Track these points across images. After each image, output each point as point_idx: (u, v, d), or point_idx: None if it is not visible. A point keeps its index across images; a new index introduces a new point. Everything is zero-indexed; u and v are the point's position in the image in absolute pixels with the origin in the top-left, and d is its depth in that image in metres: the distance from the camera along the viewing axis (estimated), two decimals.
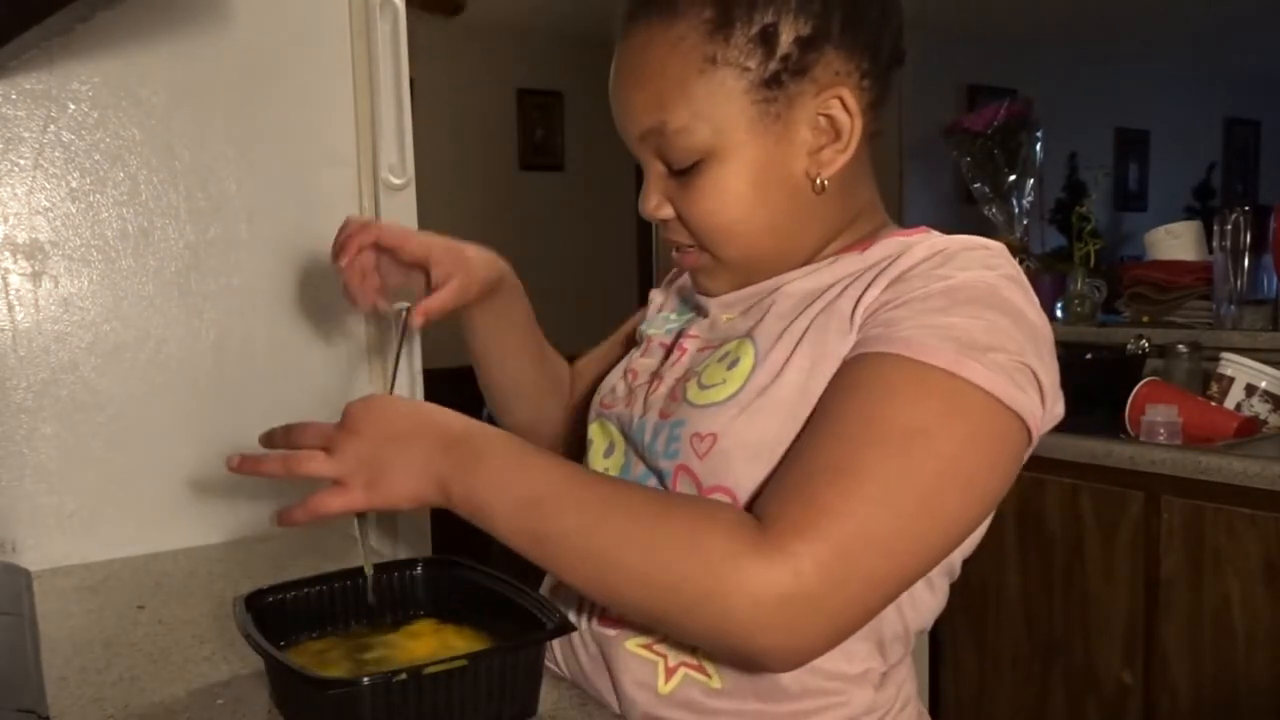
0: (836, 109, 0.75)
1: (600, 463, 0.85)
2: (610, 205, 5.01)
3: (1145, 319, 2.41)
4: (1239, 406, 1.98)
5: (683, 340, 0.84)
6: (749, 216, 0.76)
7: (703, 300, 0.86)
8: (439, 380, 1.42)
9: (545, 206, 4.98)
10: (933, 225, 0.82)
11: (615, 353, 1.01)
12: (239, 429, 1.24)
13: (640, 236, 5.01)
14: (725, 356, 0.77)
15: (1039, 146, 2.74)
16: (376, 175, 1.31)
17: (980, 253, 0.72)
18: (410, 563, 0.86)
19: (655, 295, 0.99)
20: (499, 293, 0.97)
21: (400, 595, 0.85)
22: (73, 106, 1.14)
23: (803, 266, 0.80)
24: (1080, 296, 2.54)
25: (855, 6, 0.75)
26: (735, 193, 0.75)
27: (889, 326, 0.68)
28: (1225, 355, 2.04)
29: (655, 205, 0.79)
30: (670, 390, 0.80)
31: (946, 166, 3.49)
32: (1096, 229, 2.59)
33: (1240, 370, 1.99)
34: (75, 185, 1.14)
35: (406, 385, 1.34)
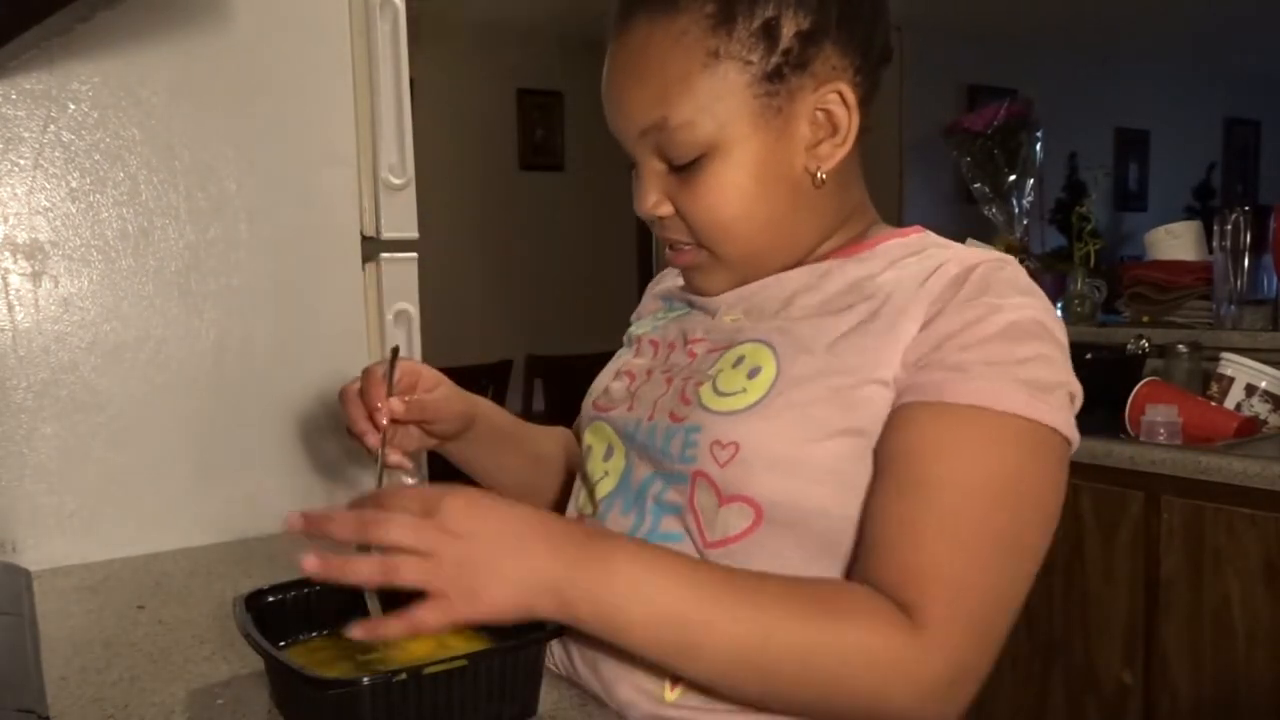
0: (835, 103, 0.75)
1: (600, 466, 0.84)
2: (610, 205, 5.01)
3: (1145, 319, 2.41)
4: (1239, 406, 1.98)
5: (689, 343, 0.83)
6: (751, 212, 0.76)
7: (699, 299, 0.85)
8: None
9: (545, 206, 4.98)
10: (933, 225, 0.83)
11: None
12: (239, 429, 1.24)
13: (640, 236, 5.01)
14: (741, 362, 0.76)
15: (1039, 146, 2.75)
16: (376, 175, 1.31)
17: (1008, 272, 0.73)
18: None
19: (637, 314, 1.00)
20: (470, 430, 0.93)
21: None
22: (73, 106, 1.14)
23: (800, 265, 0.80)
24: (1080, 296, 2.54)
25: (850, 2, 0.75)
26: (738, 188, 0.75)
27: (960, 372, 0.68)
28: (1225, 355, 2.04)
29: (654, 203, 0.79)
30: (679, 392, 0.79)
31: (946, 166, 3.49)
32: (1096, 229, 2.59)
33: (1240, 370, 1.99)
34: (75, 185, 1.14)
35: None
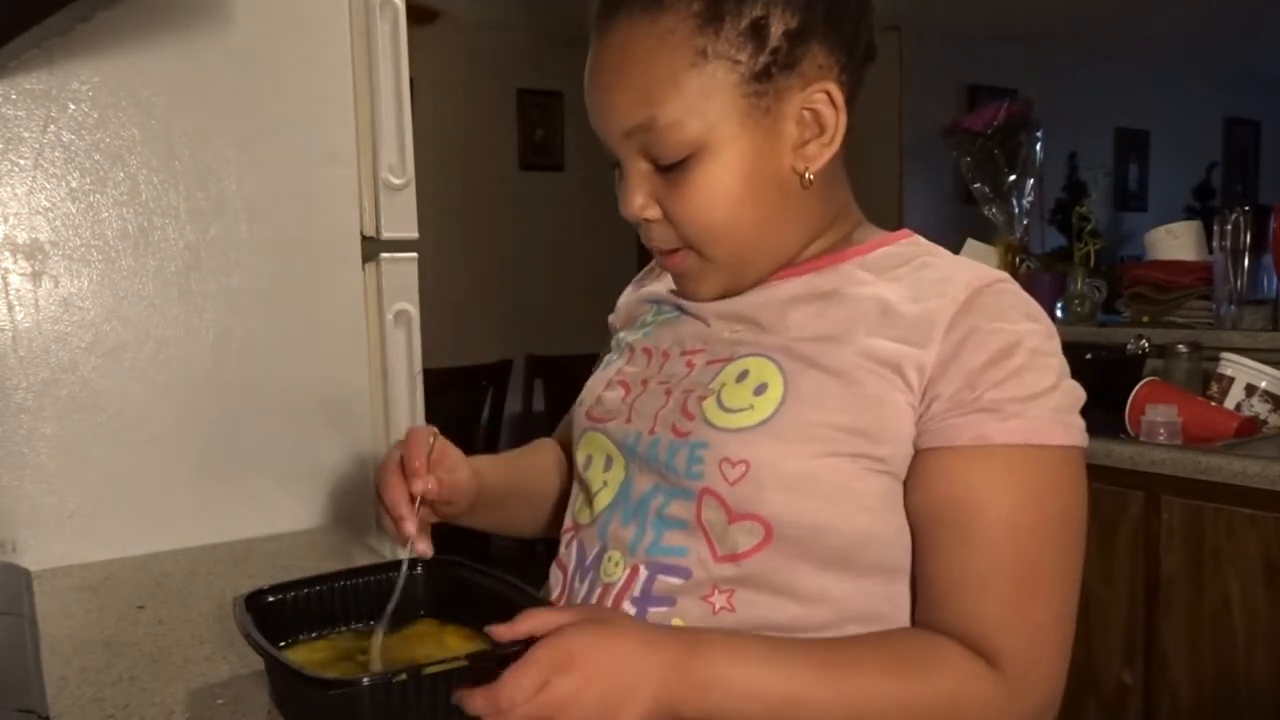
0: (822, 103, 0.75)
1: (599, 476, 0.83)
2: (610, 205, 4.93)
3: (1145, 319, 2.41)
4: (1239, 406, 1.98)
5: (685, 353, 0.82)
6: (739, 213, 0.75)
7: (693, 306, 0.84)
8: (439, 380, 1.42)
9: (545, 206, 4.98)
10: (933, 225, 0.83)
11: None
12: (239, 429, 1.24)
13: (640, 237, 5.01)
14: (746, 377, 0.75)
15: (1039, 146, 2.74)
16: (376, 175, 1.31)
17: (1011, 295, 0.74)
18: (409, 563, 0.85)
19: (620, 304, 0.98)
20: (475, 505, 0.90)
21: (402, 597, 0.83)
22: (73, 106, 1.14)
23: (791, 268, 0.80)
24: (1080, 296, 2.53)
25: (836, 1, 0.75)
26: (727, 188, 0.74)
27: (996, 412, 0.69)
28: (1225, 355, 2.04)
29: (641, 205, 0.78)
30: (680, 405, 0.78)
31: (946, 166, 3.49)
32: (1096, 229, 2.59)
33: (1240, 370, 1.99)
34: (75, 185, 1.14)
35: (406, 385, 1.35)
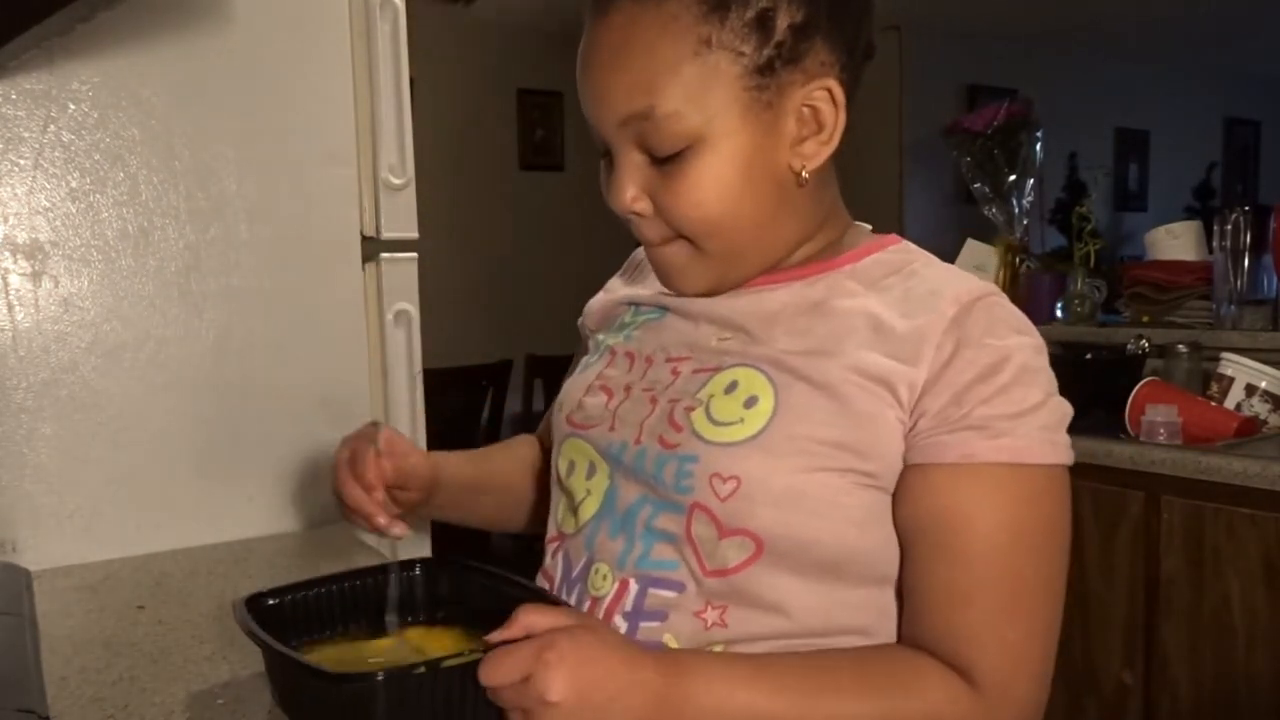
0: (823, 100, 0.74)
1: (583, 484, 0.81)
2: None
3: (1145, 319, 2.41)
4: (1239, 406, 1.98)
5: (670, 360, 0.80)
6: (736, 209, 0.74)
7: (680, 306, 0.82)
8: (439, 380, 1.42)
9: (545, 206, 4.98)
10: (932, 225, 0.83)
11: None
12: (239, 429, 1.24)
13: None
14: (735, 388, 0.74)
15: (1039, 146, 2.74)
16: (376, 175, 1.31)
17: (1001, 309, 0.73)
18: (409, 564, 0.84)
19: (593, 306, 0.95)
20: (433, 496, 0.90)
21: (402, 598, 0.82)
22: (73, 106, 1.14)
23: (780, 273, 0.79)
24: (1080, 296, 2.53)
25: None
26: (724, 183, 0.73)
27: (983, 429, 0.69)
28: (1225, 355, 2.04)
29: (632, 197, 0.75)
30: (666, 415, 0.76)
31: (946, 166, 3.49)
32: (1096, 229, 2.59)
33: (1240, 370, 1.99)
34: (75, 185, 1.14)
35: (406, 385, 1.35)
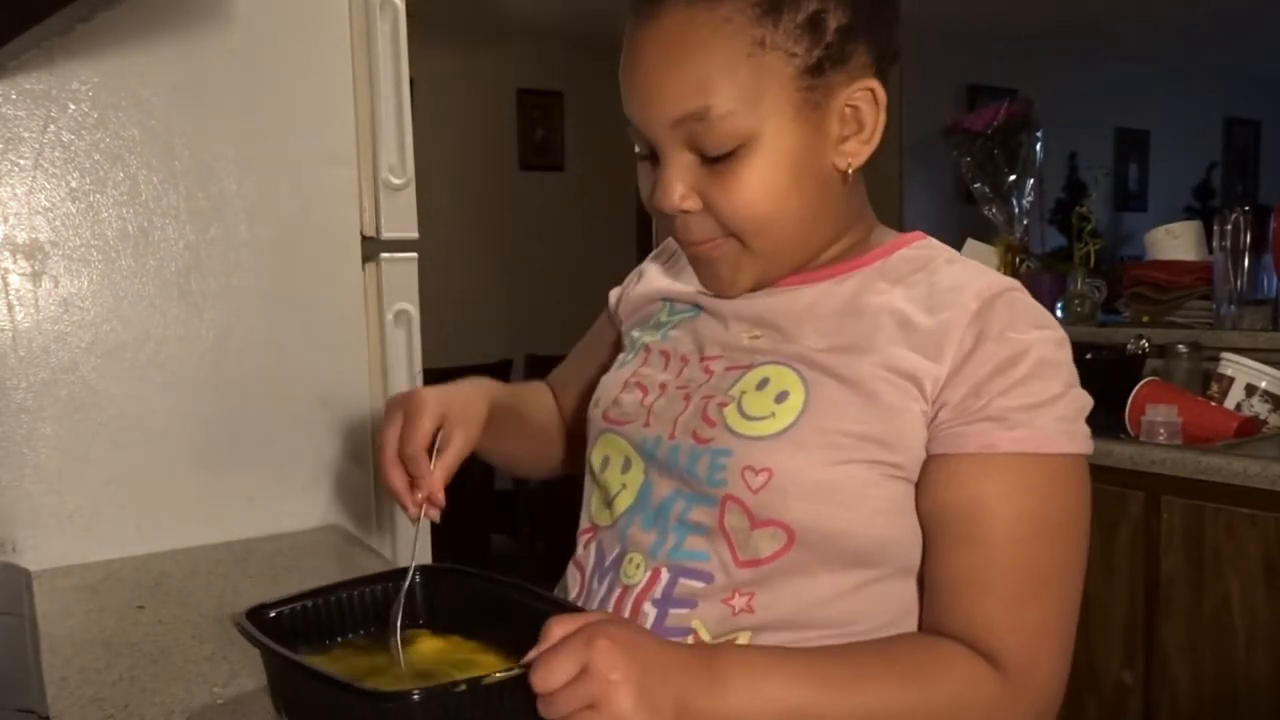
0: (865, 100, 0.76)
1: (618, 479, 0.83)
2: (610, 205, 5.01)
3: (1145, 319, 2.41)
4: (1239, 406, 1.98)
5: (704, 359, 0.82)
6: (786, 206, 0.76)
7: (712, 305, 0.84)
8: (439, 380, 1.42)
9: (545, 206, 4.98)
10: (932, 225, 0.83)
11: (599, 359, 0.99)
12: (239, 429, 1.24)
13: (640, 237, 5.01)
14: (766, 385, 0.76)
15: (1039, 146, 2.74)
16: (376, 175, 1.31)
17: (1022, 303, 0.75)
18: (409, 571, 0.81)
19: (630, 293, 0.96)
20: (494, 420, 0.89)
21: (404, 606, 0.79)
22: (73, 106, 1.14)
23: (809, 272, 0.81)
24: (1080, 296, 2.54)
25: (876, 2, 0.76)
26: (776, 181, 0.74)
27: (1002, 420, 0.71)
28: (1225, 355, 2.04)
29: (682, 195, 0.76)
30: (700, 411, 0.78)
31: (946, 166, 3.49)
32: (1096, 229, 2.59)
33: (1240, 370, 1.99)
34: (75, 185, 1.14)
35: (406, 385, 1.35)
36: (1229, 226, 2.19)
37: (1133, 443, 1.88)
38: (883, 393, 0.73)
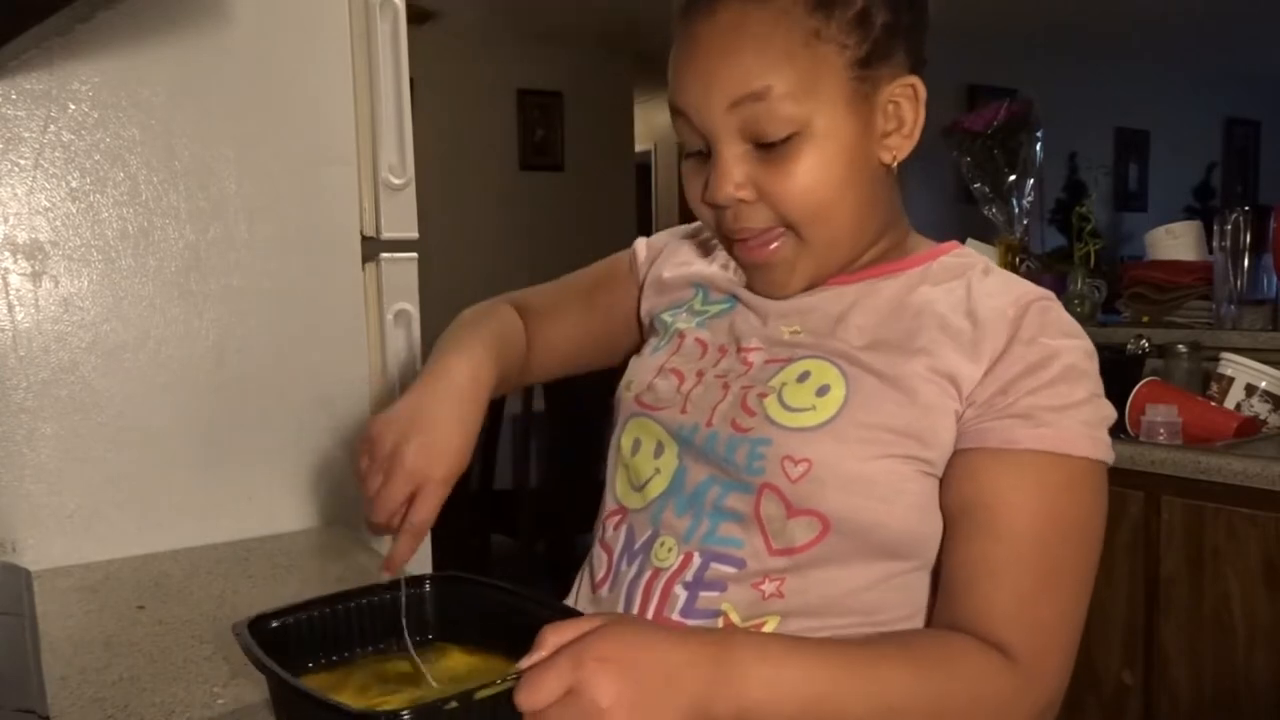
0: (906, 96, 0.78)
1: (650, 463, 0.84)
2: (610, 205, 5.01)
3: (1145, 319, 2.41)
4: (1239, 406, 1.98)
5: (741, 350, 0.83)
6: (841, 194, 0.77)
7: (751, 299, 0.85)
8: None
9: (545, 206, 4.98)
10: (932, 225, 0.84)
11: (606, 305, 1.00)
12: (239, 429, 1.24)
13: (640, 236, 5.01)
14: (807, 378, 0.78)
15: (1039, 146, 2.74)
16: (376, 175, 1.31)
17: (1055, 312, 0.78)
18: (412, 581, 0.80)
19: (662, 273, 0.96)
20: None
21: (407, 616, 0.79)
22: (73, 106, 1.14)
23: (849, 275, 0.82)
24: (1080, 296, 2.53)
25: (913, 5, 0.79)
26: (832, 170, 0.76)
27: (1027, 419, 0.73)
28: (1225, 355, 2.04)
29: (737, 185, 0.77)
30: (739, 401, 0.80)
31: (946, 166, 3.49)
32: (1096, 229, 2.59)
33: (1240, 370, 1.99)
34: (75, 185, 1.14)
35: (406, 386, 1.35)
36: (1229, 226, 2.20)
37: (1133, 442, 1.88)
38: (921, 391, 0.75)
